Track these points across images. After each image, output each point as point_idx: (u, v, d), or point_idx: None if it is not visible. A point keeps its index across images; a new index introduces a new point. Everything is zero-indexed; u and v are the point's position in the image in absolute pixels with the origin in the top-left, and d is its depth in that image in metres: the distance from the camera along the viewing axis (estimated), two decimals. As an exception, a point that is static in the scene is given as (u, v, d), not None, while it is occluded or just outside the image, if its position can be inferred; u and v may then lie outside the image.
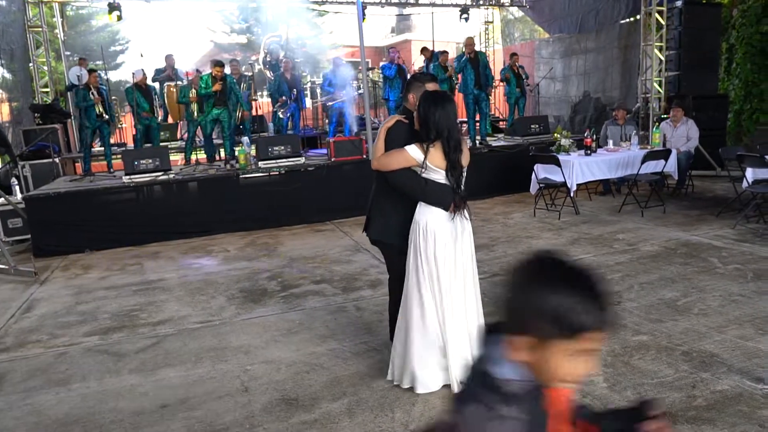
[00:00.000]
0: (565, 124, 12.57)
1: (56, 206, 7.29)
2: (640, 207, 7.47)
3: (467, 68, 9.89)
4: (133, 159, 7.77)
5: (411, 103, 3.33)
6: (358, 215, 8.40)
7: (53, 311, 5.14)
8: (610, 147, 8.30)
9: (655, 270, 5.17)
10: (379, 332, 4.17)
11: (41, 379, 3.77)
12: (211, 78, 8.66)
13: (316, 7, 15.17)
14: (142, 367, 3.86)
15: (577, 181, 7.55)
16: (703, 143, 9.06)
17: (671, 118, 8.71)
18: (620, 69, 12.27)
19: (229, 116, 9.01)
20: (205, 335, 4.35)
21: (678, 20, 10.25)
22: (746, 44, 10.94)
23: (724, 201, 7.60)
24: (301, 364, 3.74)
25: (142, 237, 7.54)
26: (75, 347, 4.29)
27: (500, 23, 17.17)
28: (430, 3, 15.70)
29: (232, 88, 8.96)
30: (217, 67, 8.75)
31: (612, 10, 12.34)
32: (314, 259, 6.29)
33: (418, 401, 3.17)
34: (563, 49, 14.16)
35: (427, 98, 3.13)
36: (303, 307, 4.82)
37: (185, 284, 5.70)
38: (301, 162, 8.42)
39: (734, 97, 11.35)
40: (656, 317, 4.13)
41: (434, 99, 3.13)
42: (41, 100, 11.63)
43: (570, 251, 5.94)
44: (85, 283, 6.01)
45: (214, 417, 3.16)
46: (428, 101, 3.11)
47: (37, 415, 3.31)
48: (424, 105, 3.10)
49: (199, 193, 7.94)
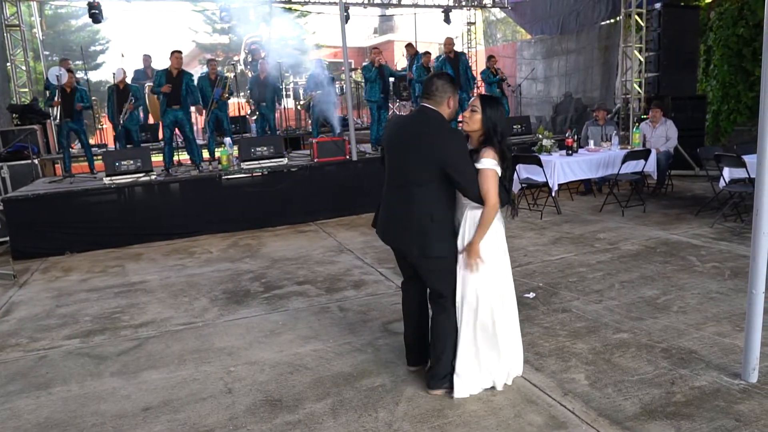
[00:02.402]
0: (546, 125, 12.67)
1: (36, 208, 7.20)
2: (621, 206, 7.56)
3: (446, 67, 9.95)
4: (114, 160, 7.69)
5: (452, 109, 3.15)
6: (341, 216, 8.45)
7: (33, 314, 5.08)
8: (591, 147, 8.39)
9: (636, 269, 5.24)
10: (362, 333, 4.18)
11: (21, 383, 3.72)
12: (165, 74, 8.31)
13: (299, 8, 15.14)
14: (124, 370, 3.83)
15: (559, 181, 7.61)
16: (682, 143, 9.20)
17: (650, 119, 8.83)
18: (600, 70, 12.43)
19: (187, 117, 8.65)
20: (188, 337, 4.32)
21: (657, 22, 10.39)
22: (723, 46, 11.12)
23: (702, 200, 7.73)
24: (284, 365, 3.74)
25: (124, 239, 7.46)
26: (55, 350, 4.24)
27: (482, 24, 17.27)
28: (412, 4, 15.77)
29: (188, 86, 8.53)
30: (175, 54, 8.32)
31: (592, 12, 12.49)
32: (297, 260, 6.28)
33: (402, 400, 3.18)
34: (545, 50, 14.29)
35: (492, 103, 3.11)
36: (286, 308, 4.82)
37: (167, 286, 5.66)
38: (284, 163, 8.40)
39: (712, 98, 11.53)
40: (636, 315, 4.18)
41: (497, 103, 3.15)
42: (19, 101, 11.48)
43: (552, 250, 6.00)
44: (65, 285, 5.94)
45: (198, 419, 3.14)
46: (494, 106, 3.10)
47: (17, 419, 3.27)
48: (495, 110, 3.08)
49: (181, 194, 7.87)
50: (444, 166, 2.97)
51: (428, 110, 3.11)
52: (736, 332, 3.75)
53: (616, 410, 2.97)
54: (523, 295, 4.63)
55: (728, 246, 5.76)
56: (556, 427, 2.86)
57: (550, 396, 3.15)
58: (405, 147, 3.10)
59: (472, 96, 10.82)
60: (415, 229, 3.07)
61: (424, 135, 3.05)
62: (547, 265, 5.53)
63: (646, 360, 3.49)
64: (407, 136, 3.14)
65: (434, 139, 3.01)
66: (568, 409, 3.01)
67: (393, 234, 3.24)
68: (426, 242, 3.06)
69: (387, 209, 3.26)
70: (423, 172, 3.03)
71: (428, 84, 3.13)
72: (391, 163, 3.21)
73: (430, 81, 3.14)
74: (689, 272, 5.06)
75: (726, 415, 2.87)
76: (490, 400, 3.14)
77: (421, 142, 3.04)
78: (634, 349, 3.65)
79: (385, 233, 3.29)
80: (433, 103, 3.11)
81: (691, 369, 3.35)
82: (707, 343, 3.67)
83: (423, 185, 3.04)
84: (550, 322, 4.16)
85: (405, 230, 3.12)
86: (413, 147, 3.06)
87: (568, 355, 3.63)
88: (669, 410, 2.94)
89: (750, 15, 10.61)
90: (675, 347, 3.64)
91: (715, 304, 4.30)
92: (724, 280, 4.82)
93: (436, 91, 3.09)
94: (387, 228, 3.27)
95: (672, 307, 4.30)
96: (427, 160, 3.00)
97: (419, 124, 3.12)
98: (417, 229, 3.06)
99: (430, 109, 3.11)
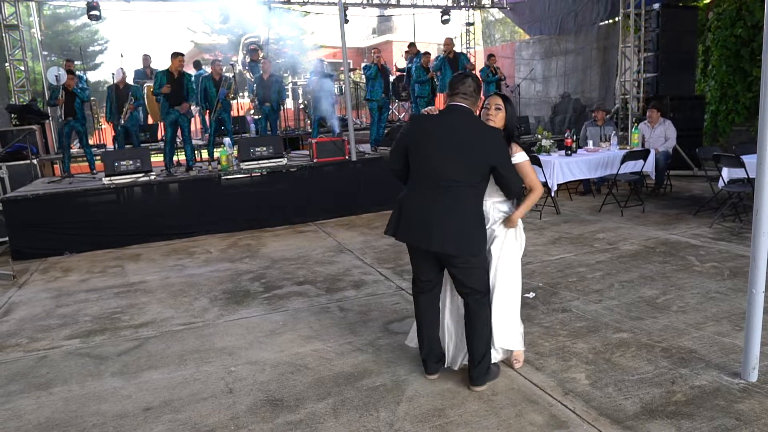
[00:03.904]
0: (545, 125, 12.69)
1: (35, 208, 7.19)
2: (620, 206, 7.57)
3: (445, 67, 9.95)
4: (114, 160, 7.68)
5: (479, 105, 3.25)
6: (341, 216, 8.45)
7: (33, 314, 5.07)
8: (590, 147, 8.40)
9: (635, 268, 5.25)
10: (362, 332, 4.18)
11: (21, 384, 3.72)
12: (167, 75, 8.28)
13: (298, 8, 15.14)
14: (124, 370, 3.83)
15: (558, 181, 7.62)
16: (681, 143, 9.21)
17: (648, 119, 8.84)
18: (599, 70, 12.43)
19: (186, 118, 8.63)
20: (188, 337, 4.32)
21: (655, 22, 10.41)
22: (721, 47, 11.14)
23: (701, 200, 7.74)
24: (285, 365, 3.74)
25: (123, 239, 7.46)
26: (56, 351, 4.24)
27: (481, 24, 17.27)
28: (411, 4, 15.77)
29: (188, 87, 8.47)
30: (179, 57, 8.32)
31: (591, 12, 12.49)
32: (297, 260, 6.28)
33: (403, 400, 3.19)
34: (543, 51, 14.29)
35: (509, 101, 3.30)
36: (286, 308, 4.82)
37: (167, 286, 5.66)
38: (283, 163, 8.40)
39: (710, 99, 11.54)
40: (636, 315, 4.19)
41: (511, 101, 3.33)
42: (18, 101, 11.47)
43: (551, 250, 6.01)
44: (65, 285, 5.94)
45: (199, 419, 3.15)
46: (511, 104, 3.30)
47: (18, 419, 3.27)
48: (513, 108, 3.29)
49: (180, 194, 7.87)
50: (495, 164, 3.04)
51: (467, 110, 3.12)
52: (736, 332, 3.76)
53: (617, 410, 2.98)
54: (523, 295, 4.62)
55: (727, 246, 5.78)
56: (557, 427, 2.87)
57: (550, 395, 3.16)
58: (451, 147, 3.04)
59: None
60: (462, 229, 3.06)
61: (475, 135, 3.06)
62: (546, 265, 5.54)
63: (646, 359, 3.50)
64: (452, 136, 3.06)
65: (485, 139, 3.06)
66: (568, 408, 3.02)
67: (430, 236, 3.08)
68: (473, 241, 3.10)
69: (421, 211, 3.12)
70: (471, 171, 3.04)
71: (464, 83, 3.12)
72: (427, 163, 3.11)
73: (465, 81, 3.13)
74: (688, 272, 5.07)
75: (726, 414, 2.88)
76: (491, 400, 3.14)
77: (471, 142, 3.04)
78: (634, 348, 3.66)
79: (418, 236, 3.15)
80: (469, 103, 3.12)
81: (691, 368, 3.36)
82: (707, 342, 3.69)
83: (468, 185, 3.06)
84: (550, 322, 4.17)
85: (449, 231, 3.05)
86: (462, 147, 3.03)
87: (568, 354, 3.63)
88: (669, 409, 2.95)
89: (748, 16, 10.64)
90: (675, 347, 3.65)
91: (715, 304, 4.31)
92: (723, 279, 4.83)
93: (474, 92, 3.13)
94: (422, 230, 3.11)
95: (672, 306, 4.31)
96: (478, 159, 3.03)
97: (465, 125, 3.10)
98: (464, 229, 3.07)
99: (468, 109, 3.13)
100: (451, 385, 3.32)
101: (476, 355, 3.22)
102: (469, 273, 3.15)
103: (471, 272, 3.15)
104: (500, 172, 3.05)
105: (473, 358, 3.23)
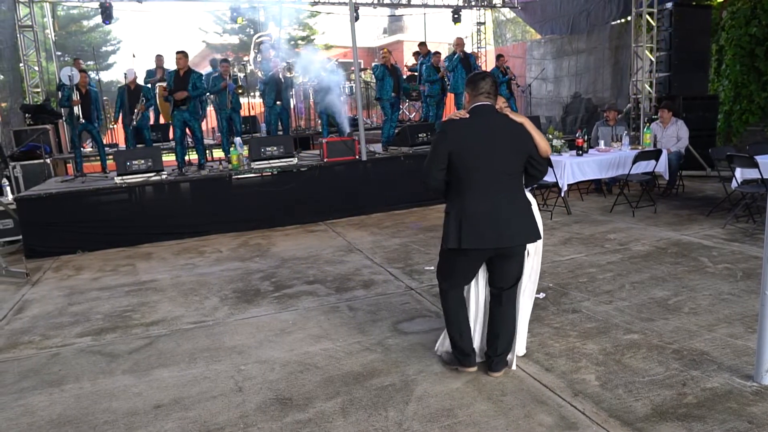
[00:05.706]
0: (556, 125, 12.64)
1: (48, 207, 7.26)
2: (632, 207, 7.52)
3: (459, 67, 9.93)
4: (125, 160, 7.74)
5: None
6: (351, 216, 8.46)
7: (46, 312, 5.12)
8: (602, 147, 8.35)
9: (646, 269, 5.22)
10: (372, 332, 4.19)
11: (34, 380, 3.76)
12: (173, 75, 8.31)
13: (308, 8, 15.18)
14: (135, 368, 3.86)
15: (569, 182, 7.59)
16: (694, 144, 9.13)
17: (659, 119, 8.78)
18: (611, 70, 12.37)
19: (194, 116, 8.65)
20: (199, 335, 4.35)
21: (668, 22, 10.33)
22: (735, 46, 11.03)
23: (714, 201, 7.67)
24: (294, 364, 3.75)
25: (135, 238, 7.52)
26: (68, 348, 4.27)
27: (492, 24, 17.24)
28: (422, 4, 15.76)
29: (195, 85, 8.40)
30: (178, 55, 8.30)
31: (603, 12, 12.44)
32: (307, 260, 6.30)
33: (412, 400, 3.19)
34: (555, 50, 14.24)
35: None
36: (296, 308, 4.83)
37: (178, 285, 5.70)
38: (294, 162, 8.42)
39: (724, 98, 11.44)
40: (647, 316, 4.16)
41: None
42: (32, 101, 11.59)
43: (562, 251, 5.98)
44: (77, 284, 5.99)
45: (209, 417, 3.16)
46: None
47: (31, 415, 3.30)
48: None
49: (191, 193, 7.92)
50: (531, 153, 3.23)
51: (493, 108, 3.28)
52: (749, 334, 3.73)
53: (627, 411, 2.96)
54: (534, 296, 4.61)
55: (740, 247, 5.72)
56: (567, 428, 2.85)
57: (560, 396, 3.15)
58: (496, 143, 3.18)
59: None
60: (526, 218, 3.26)
61: (514, 130, 3.23)
62: (557, 265, 5.51)
63: (657, 361, 3.47)
64: (494, 133, 3.19)
65: (521, 131, 3.23)
66: (578, 409, 3.01)
67: (505, 233, 3.15)
68: (537, 226, 3.32)
69: (487, 212, 3.14)
70: (518, 162, 3.23)
71: (489, 83, 3.27)
72: (478, 163, 3.13)
73: (487, 80, 3.28)
74: (701, 273, 5.03)
75: (738, 417, 2.85)
76: (501, 400, 3.13)
77: (510, 135, 3.21)
78: (645, 350, 3.63)
79: (491, 238, 3.14)
80: (492, 101, 3.28)
81: (703, 370, 3.33)
82: (719, 344, 3.65)
83: (517, 177, 3.27)
84: (560, 323, 4.15)
85: (519, 224, 3.22)
86: (508, 144, 3.19)
87: (578, 355, 3.62)
88: (680, 412, 2.93)
89: (763, 14, 10.52)
90: (686, 348, 3.62)
91: (727, 306, 4.27)
92: (736, 281, 4.78)
93: (496, 91, 3.31)
94: (495, 229, 3.13)
95: (683, 308, 4.28)
96: (521, 151, 3.21)
97: (498, 121, 3.25)
98: (528, 217, 3.28)
99: (494, 107, 3.28)
100: (460, 385, 3.31)
101: (505, 344, 3.40)
102: (520, 262, 3.36)
103: (519, 259, 3.34)
104: (534, 158, 3.25)
105: (501, 348, 3.38)
